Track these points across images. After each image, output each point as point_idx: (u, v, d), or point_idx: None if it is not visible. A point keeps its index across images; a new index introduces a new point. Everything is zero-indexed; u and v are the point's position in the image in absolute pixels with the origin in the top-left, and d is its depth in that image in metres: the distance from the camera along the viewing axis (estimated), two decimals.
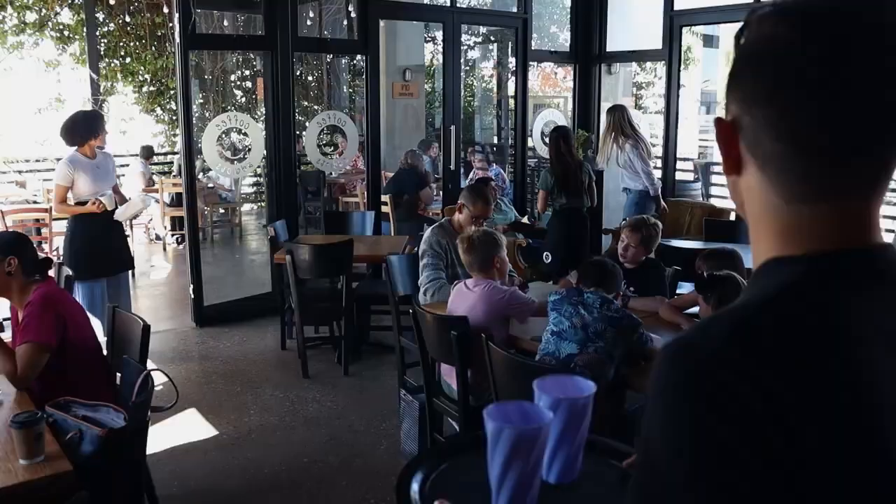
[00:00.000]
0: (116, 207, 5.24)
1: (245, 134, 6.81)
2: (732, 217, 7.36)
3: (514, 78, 13.82)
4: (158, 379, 3.09)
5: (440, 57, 14.57)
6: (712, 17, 7.84)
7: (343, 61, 13.51)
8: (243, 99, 13.12)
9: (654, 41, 8.12)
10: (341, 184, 10.87)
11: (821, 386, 0.67)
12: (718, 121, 0.81)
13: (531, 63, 8.41)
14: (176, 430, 4.34)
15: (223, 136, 7.17)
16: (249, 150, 6.49)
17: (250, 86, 13.03)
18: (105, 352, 3.30)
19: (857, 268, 0.76)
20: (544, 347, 3.02)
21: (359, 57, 13.53)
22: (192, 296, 6.23)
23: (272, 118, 6.40)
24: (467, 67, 14.52)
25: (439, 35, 14.11)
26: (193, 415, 4.60)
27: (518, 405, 1.28)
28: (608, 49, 8.56)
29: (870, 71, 0.71)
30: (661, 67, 13.91)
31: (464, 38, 14.45)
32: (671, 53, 7.73)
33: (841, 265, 0.75)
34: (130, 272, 5.98)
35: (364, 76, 6.94)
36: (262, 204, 12.21)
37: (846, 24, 0.72)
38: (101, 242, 5.25)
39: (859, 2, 0.73)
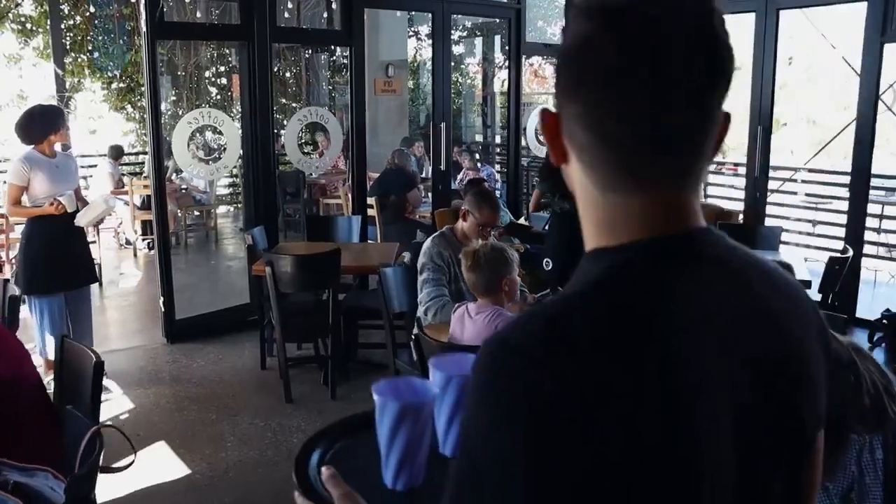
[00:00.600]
0: (78, 210, 4.72)
1: (220, 132, 6.28)
2: (737, 219, 6.98)
3: (502, 73, 13.48)
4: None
5: (423, 52, 14.25)
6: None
7: (322, 57, 12.97)
8: (218, 96, 12.53)
9: None
10: (322, 185, 10.34)
11: (637, 378, 0.70)
12: (543, 112, 0.83)
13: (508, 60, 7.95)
14: (142, 469, 3.76)
15: (196, 134, 6.63)
16: (225, 149, 5.96)
17: (225, 82, 12.45)
18: (51, 389, 2.79)
19: (674, 255, 0.78)
20: None
21: (338, 52, 13.14)
22: (163, 309, 5.69)
23: (249, 115, 5.88)
24: (451, 63, 14.04)
25: (423, 29, 13.71)
26: (162, 449, 4.07)
27: (407, 381, 1.32)
28: None
29: (664, 68, 0.73)
30: None
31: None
32: None
33: (657, 253, 0.77)
34: (95, 285, 5.39)
35: (348, 70, 6.42)
36: (239, 206, 11.65)
37: (643, 23, 0.73)
38: (60, 250, 4.72)
39: (656, 1, 0.75)
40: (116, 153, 9.76)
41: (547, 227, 5.98)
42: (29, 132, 4.64)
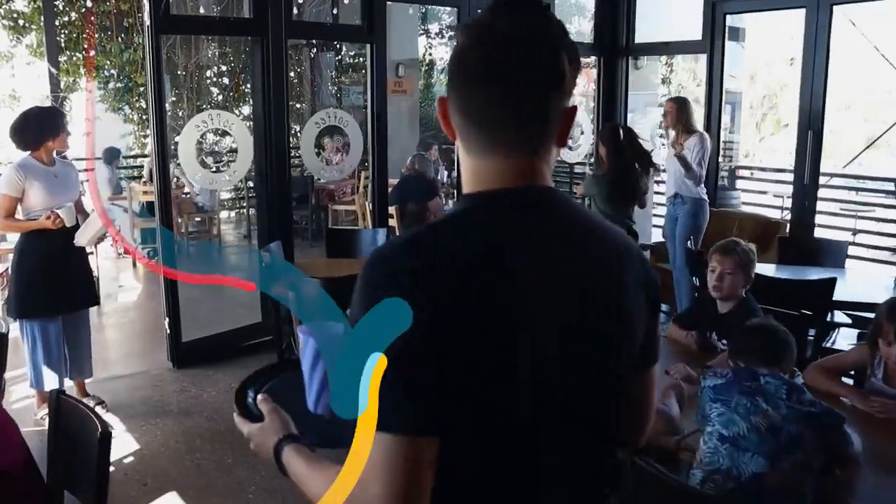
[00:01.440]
0: (78, 225, 4.21)
1: (227, 134, 5.76)
2: (784, 231, 6.48)
3: None
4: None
5: (434, 51, 13.75)
6: (762, 2, 6.91)
7: (328, 55, 12.45)
8: (220, 97, 11.98)
9: (689, 31, 7.23)
10: (330, 190, 9.82)
11: (470, 278, 0.98)
12: (438, 99, 1.13)
13: None
14: None
15: (204, 138, 6.12)
16: (235, 155, 5.43)
17: (227, 82, 11.91)
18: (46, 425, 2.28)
19: (515, 199, 1.06)
20: (710, 460, 2.03)
21: (344, 51, 12.63)
22: (168, 331, 5.17)
23: (262, 117, 5.35)
24: None
25: (433, 28, 13.22)
26: (173, 501, 3.55)
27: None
28: (636, 40, 7.63)
29: (513, 71, 1.04)
30: (680, 61, 13.06)
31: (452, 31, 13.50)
32: (713, 45, 6.80)
33: (502, 197, 1.07)
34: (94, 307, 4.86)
35: (366, 69, 5.90)
36: (243, 211, 11.12)
37: (497, 38, 1.05)
38: (57, 268, 4.21)
39: (503, 18, 1.05)
40: (111, 156, 9.18)
41: None
42: (24, 137, 4.15)
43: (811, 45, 6.11)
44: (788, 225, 6.56)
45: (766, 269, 4.79)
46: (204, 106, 11.15)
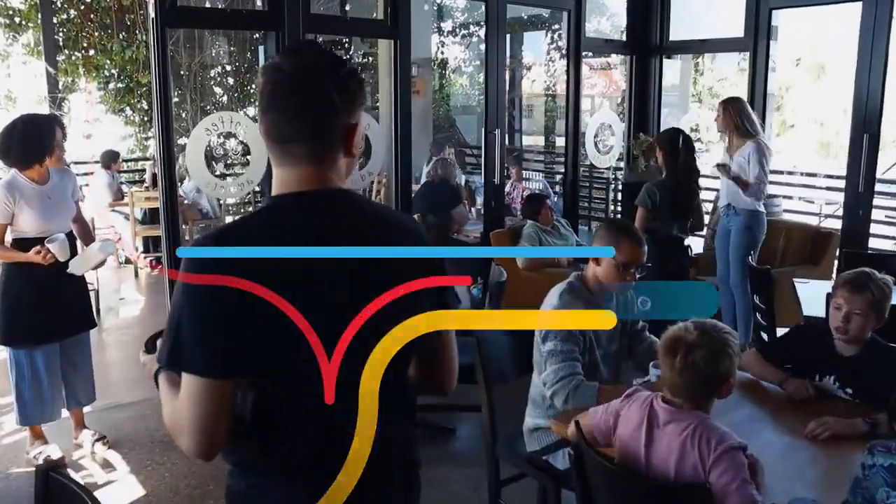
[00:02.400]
0: (71, 256, 3.74)
1: (240, 140, 5.30)
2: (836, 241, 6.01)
3: (532, 73, 12.56)
4: None
5: (447, 50, 13.31)
6: None
7: (337, 54, 11.99)
8: (224, 98, 11.52)
9: (730, 28, 6.79)
10: None
11: (255, 264, 1.27)
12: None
13: (549, 59, 7.01)
14: None
15: (214, 142, 5.67)
16: (248, 161, 4.96)
17: (232, 82, 11.45)
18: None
19: (305, 200, 1.38)
20: None
21: (353, 49, 12.18)
22: None
23: None
24: (477, 62, 13.07)
25: (446, 26, 12.78)
26: None
27: None
28: (671, 38, 7.18)
29: (290, 100, 1.35)
30: (704, 59, 12.51)
31: (471, 28, 13.03)
32: (757, 42, 6.35)
33: (292, 198, 1.38)
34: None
35: (391, 66, 5.44)
36: None
37: (278, 75, 1.36)
38: (48, 293, 3.74)
39: (287, 59, 1.39)
40: (109, 159, 8.66)
41: None
42: (9, 152, 3.64)
43: (868, 42, 5.67)
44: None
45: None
46: (208, 107, 10.69)
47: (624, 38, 7.26)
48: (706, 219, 6.13)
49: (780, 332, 4.33)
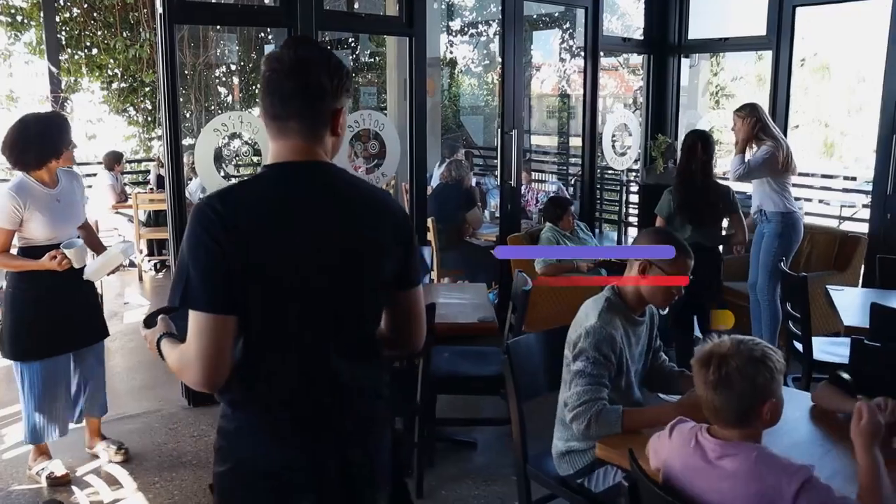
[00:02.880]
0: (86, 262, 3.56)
1: (251, 140, 5.11)
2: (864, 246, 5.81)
3: (541, 73, 12.37)
4: None
5: (456, 49, 13.12)
6: None
7: (343, 53, 11.80)
8: (229, 97, 11.35)
9: (750, 26, 6.60)
10: None
11: (249, 219, 1.56)
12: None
13: (560, 58, 6.81)
14: None
15: (225, 143, 5.48)
16: (260, 162, 4.78)
17: (237, 81, 11.29)
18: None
19: (290, 169, 1.63)
20: None
21: (360, 48, 11.99)
22: None
23: None
24: (487, 62, 12.89)
25: (454, 25, 12.59)
26: None
27: None
28: (690, 36, 6.99)
29: (285, 85, 1.61)
30: (728, 60, 12.28)
31: (480, 27, 12.86)
32: (780, 40, 6.16)
33: (281, 167, 1.64)
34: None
35: (409, 63, 5.26)
36: None
37: (277, 62, 1.62)
38: (58, 305, 3.55)
39: (287, 50, 1.64)
40: (113, 160, 8.47)
41: None
42: (20, 153, 3.43)
43: None
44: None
45: (871, 295, 4.15)
46: (212, 107, 10.53)
47: (632, 37, 7.05)
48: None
49: (817, 341, 4.18)
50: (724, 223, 4.92)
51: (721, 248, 5.09)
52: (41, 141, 3.43)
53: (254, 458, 1.64)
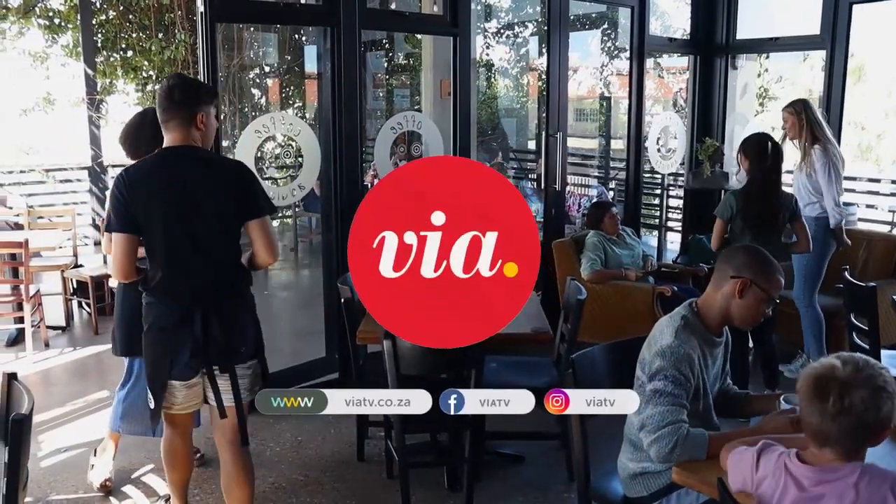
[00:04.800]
0: None
1: (292, 142, 5.00)
2: None
3: (577, 74, 12.14)
4: None
5: (492, 52, 12.96)
6: None
7: (377, 55, 11.71)
8: (263, 100, 11.29)
9: (801, 25, 6.40)
10: None
11: (139, 190, 2.70)
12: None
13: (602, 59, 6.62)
14: None
15: (266, 146, 5.39)
16: (301, 164, 4.66)
17: (270, 84, 11.22)
18: None
19: (169, 152, 2.74)
20: None
21: (395, 50, 11.89)
22: None
23: (332, 120, 4.59)
24: (522, 64, 12.72)
25: (491, 26, 12.44)
26: None
27: None
28: (738, 36, 6.79)
29: (164, 98, 2.79)
30: (772, 61, 11.97)
31: (516, 29, 12.70)
32: (835, 40, 5.94)
33: (164, 151, 2.74)
34: None
35: (453, 63, 5.12)
36: (287, 221, 10.40)
37: (162, 87, 2.84)
38: None
39: (168, 82, 2.86)
40: None
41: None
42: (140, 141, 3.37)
43: None
44: None
45: None
46: (247, 109, 10.47)
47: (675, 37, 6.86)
48: None
49: (885, 354, 3.98)
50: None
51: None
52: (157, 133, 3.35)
53: (158, 319, 2.73)
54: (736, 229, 4.40)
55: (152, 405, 2.81)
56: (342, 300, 3.68)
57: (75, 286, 6.42)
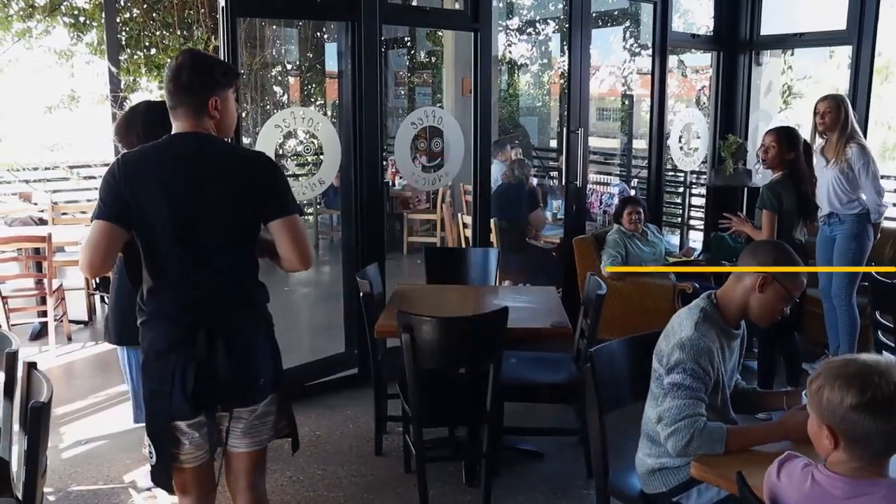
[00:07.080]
0: None
1: (313, 137, 5.00)
2: None
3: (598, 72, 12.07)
4: None
5: (513, 49, 12.91)
6: None
7: (398, 52, 11.70)
8: (284, 97, 11.32)
9: (828, 21, 6.30)
10: (405, 196, 9.06)
11: (137, 173, 2.18)
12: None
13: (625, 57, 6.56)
14: None
15: (286, 141, 5.38)
16: (321, 160, 4.66)
17: (295, 81, 11.25)
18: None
19: (176, 137, 2.24)
20: None
21: (417, 47, 11.88)
22: None
23: (351, 115, 4.60)
24: (544, 61, 12.67)
25: (512, 24, 12.41)
26: None
27: None
28: (762, 32, 6.71)
29: (173, 84, 2.25)
30: (796, 58, 11.84)
31: (538, 27, 12.65)
32: (861, 35, 5.86)
33: (171, 136, 2.25)
34: None
35: (474, 59, 5.09)
36: (308, 218, 10.44)
37: (172, 68, 2.25)
38: None
39: (177, 60, 2.32)
40: None
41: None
42: (133, 130, 3.15)
43: None
44: None
45: None
46: (268, 106, 10.50)
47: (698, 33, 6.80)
48: None
49: None
50: None
51: None
52: (151, 127, 3.30)
53: (154, 343, 2.24)
54: (790, 222, 4.36)
55: (153, 459, 2.26)
56: (361, 294, 3.68)
57: (98, 281, 6.47)
